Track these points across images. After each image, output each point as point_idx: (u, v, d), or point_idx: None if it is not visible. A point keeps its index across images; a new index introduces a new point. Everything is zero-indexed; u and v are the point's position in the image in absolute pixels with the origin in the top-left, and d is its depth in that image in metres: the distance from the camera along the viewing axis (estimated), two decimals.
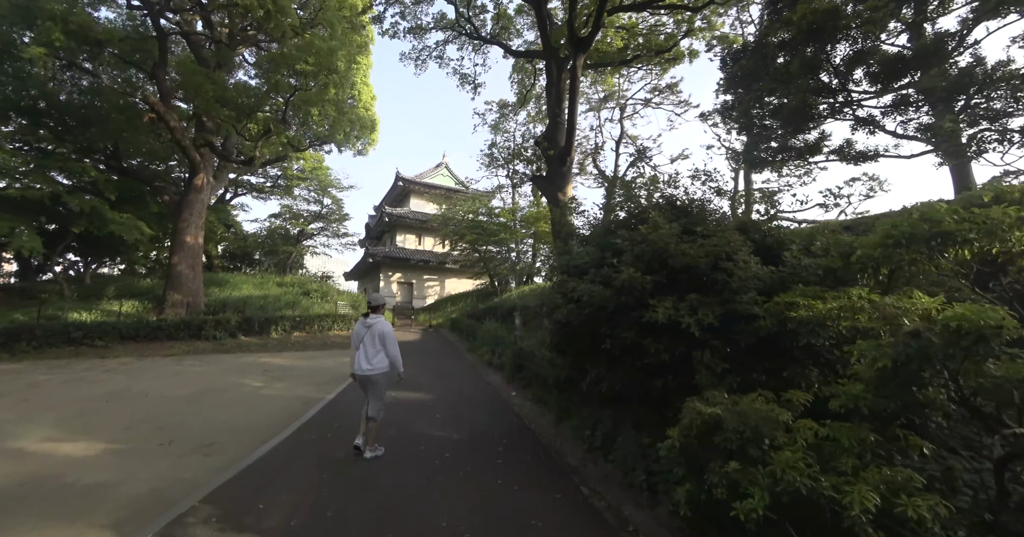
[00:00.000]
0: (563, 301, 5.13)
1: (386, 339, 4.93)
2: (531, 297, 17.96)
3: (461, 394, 8.52)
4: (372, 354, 4.87)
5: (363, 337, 4.94)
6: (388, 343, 4.94)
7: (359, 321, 5.07)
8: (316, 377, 9.99)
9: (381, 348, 4.91)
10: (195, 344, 15.16)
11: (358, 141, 24.24)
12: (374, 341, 4.91)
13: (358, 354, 4.91)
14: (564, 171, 14.28)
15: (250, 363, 11.94)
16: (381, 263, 31.85)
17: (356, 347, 4.97)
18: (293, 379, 9.69)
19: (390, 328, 5.08)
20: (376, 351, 4.88)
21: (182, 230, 18.02)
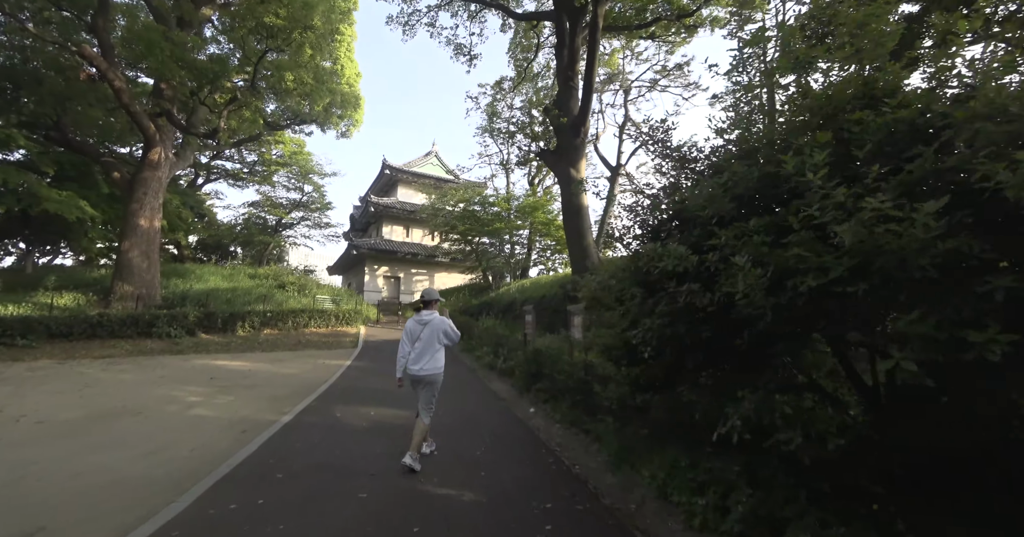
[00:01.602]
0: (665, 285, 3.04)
1: (450, 335, 4.59)
2: (534, 290, 15.85)
3: (463, 413, 6.35)
4: (430, 352, 4.43)
5: (418, 335, 4.49)
6: (451, 336, 4.60)
7: (412, 318, 4.65)
8: (275, 388, 7.71)
9: (441, 347, 4.53)
10: (143, 343, 12.69)
11: (341, 121, 21.77)
12: (433, 339, 4.47)
13: (413, 353, 4.45)
14: (577, 143, 12.16)
15: (199, 368, 9.58)
16: (366, 256, 29.37)
17: (410, 346, 4.50)
18: (245, 391, 7.40)
19: (450, 321, 4.68)
20: (436, 350, 4.48)
21: (135, 212, 15.44)
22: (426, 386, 4.44)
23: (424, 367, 4.37)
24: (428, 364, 4.38)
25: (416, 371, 4.38)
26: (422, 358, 4.39)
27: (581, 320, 6.42)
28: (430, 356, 4.41)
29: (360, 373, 9.52)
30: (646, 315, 3.27)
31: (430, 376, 4.40)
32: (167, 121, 16.08)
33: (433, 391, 4.51)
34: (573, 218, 12.03)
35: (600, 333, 4.59)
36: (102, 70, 12.64)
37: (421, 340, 4.46)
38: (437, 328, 4.47)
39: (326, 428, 5.29)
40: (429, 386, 4.45)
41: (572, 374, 6.09)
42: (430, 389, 4.47)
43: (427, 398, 4.47)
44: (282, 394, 7.19)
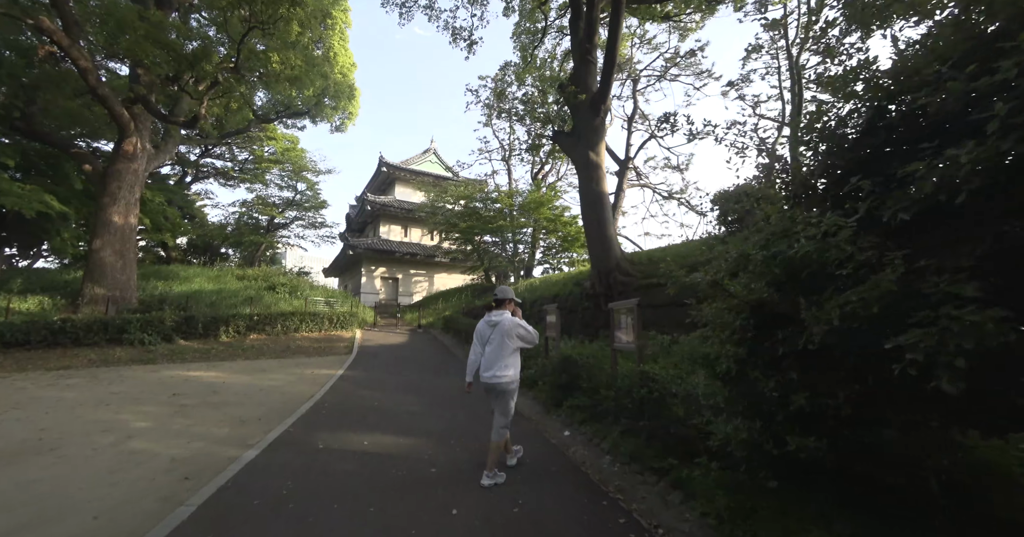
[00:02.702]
0: None
1: (525, 337, 4.06)
2: (545, 289, 14.42)
3: (481, 442, 4.93)
4: (502, 357, 3.92)
5: (488, 337, 4.05)
6: (526, 338, 4.07)
7: (483, 319, 4.21)
8: (249, 406, 6.26)
9: (514, 351, 4.01)
10: (110, 352, 11.19)
11: (335, 113, 20.43)
12: (504, 341, 3.95)
13: (483, 358, 4.03)
14: (597, 124, 10.77)
15: (165, 380, 8.11)
16: (363, 256, 27.89)
17: (480, 349, 4.09)
18: (210, 411, 5.94)
19: (523, 322, 4.11)
20: (508, 353, 3.96)
21: (106, 206, 13.94)
22: (497, 395, 3.99)
23: (496, 374, 3.91)
24: (498, 370, 3.91)
25: (487, 378, 3.96)
26: (492, 364, 3.94)
27: (632, 320, 5.01)
28: (501, 361, 3.93)
29: (353, 385, 8.08)
30: None
31: (500, 384, 3.92)
32: (144, 109, 14.62)
33: (506, 401, 3.99)
34: (593, 207, 10.63)
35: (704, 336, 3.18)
36: (64, 46, 11.18)
37: (491, 343, 4.02)
38: (508, 329, 3.98)
39: (301, 471, 3.86)
40: (500, 395, 3.98)
41: (625, 391, 4.68)
42: (502, 399, 3.98)
43: (500, 408, 4.01)
44: (255, 415, 5.74)
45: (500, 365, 3.91)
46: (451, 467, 4.11)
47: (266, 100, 21.42)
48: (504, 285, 4.60)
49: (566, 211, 23.83)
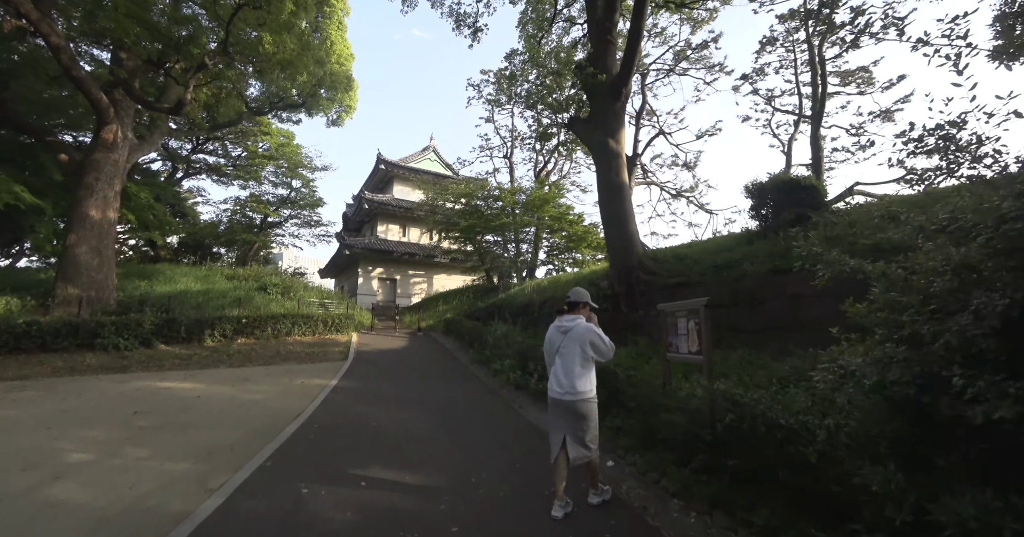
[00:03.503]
0: None
1: (600, 348, 3.35)
2: (555, 290, 13.34)
3: (502, 466, 3.89)
4: (573, 370, 3.31)
5: (558, 346, 3.41)
6: (601, 350, 3.36)
7: (552, 326, 3.54)
8: (222, 429, 5.16)
9: (587, 363, 3.34)
10: (80, 358, 10.05)
11: (332, 105, 19.30)
12: (576, 351, 3.32)
13: (552, 371, 3.44)
14: (617, 108, 9.77)
15: (131, 394, 6.99)
16: (360, 256, 26.75)
17: (551, 361, 3.50)
18: (172, 436, 4.85)
19: (598, 330, 3.40)
20: (581, 365, 3.31)
21: (83, 199, 12.81)
22: (572, 416, 3.30)
23: (569, 389, 3.30)
24: (569, 386, 3.31)
25: (559, 394, 3.36)
26: (565, 377, 3.35)
27: (697, 325, 3.97)
28: (574, 374, 3.31)
29: (349, 398, 6.99)
30: None
31: (575, 402, 3.28)
32: (125, 94, 13.49)
33: (584, 423, 3.27)
34: (613, 199, 9.62)
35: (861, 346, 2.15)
36: (32, 20, 10.05)
37: (562, 353, 3.42)
38: (580, 338, 3.35)
39: (273, 533, 2.78)
40: (575, 416, 3.28)
41: (694, 415, 3.64)
42: (578, 420, 3.27)
43: (576, 432, 3.28)
44: (227, 442, 4.64)
45: (574, 378, 3.28)
46: (477, 523, 3.05)
47: (259, 92, 20.30)
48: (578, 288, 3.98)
49: (570, 210, 22.88)
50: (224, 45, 12.59)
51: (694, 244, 10.72)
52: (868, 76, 16.46)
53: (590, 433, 3.27)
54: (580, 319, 3.45)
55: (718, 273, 8.06)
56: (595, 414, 3.33)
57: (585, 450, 3.26)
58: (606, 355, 3.40)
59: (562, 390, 3.31)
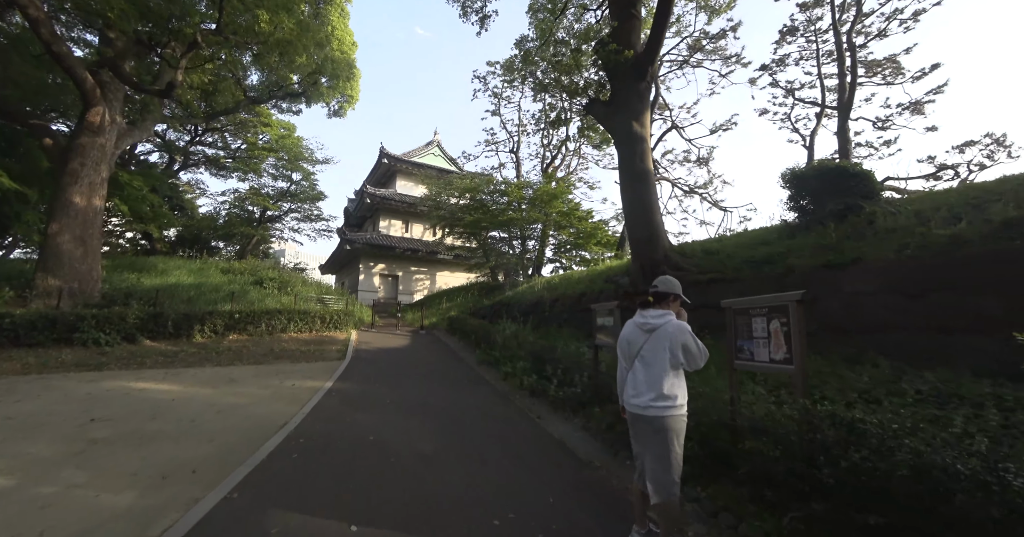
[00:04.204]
0: None
1: (692, 352, 2.56)
2: (567, 287, 12.46)
3: (540, 524, 3.00)
4: (660, 377, 2.58)
5: (639, 347, 2.69)
6: (693, 356, 2.57)
7: (630, 322, 2.84)
8: (188, 445, 4.31)
9: (679, 366, 2.60)
10: (56, 354, 9.21)
11: (333, 94, 18.42)
12: (663, 355, 2.59)
13: (630, 377, 2.73)
14: (642, 89, 8.90)
15: (99, 395, 6.14)
16: (361, 252, 25.89)
17: (626, 364, 2.80)
18: (128, 454, 3.99)
19: (690, 332, 2.60)
20: (666, 374, 2.58)
21: (67, 186, 11.96)
22: (650, 434, 2.56)
23: (651, 401, 2.55)
24: (652, 397, 2.55)
25: (638, 407, 2.61)
26: (646, 385, 2.60)
27: (786, 326, 3.09)
28: (659, 383, 2.56)
29: (344, 404, 6.13)
30: None
31: (654, 417, 2.54)
32: (113, 76, 12.64)
33: (667, 443, 2.51)
34: (637, 187, 8.74)
35: None
36: None
37: (643, 357, 2.66)
38: (670, 339, 2.58)
39: None
40: (654, 435, 2.54)
41: (785, 447, 2.76)
42: (659, 439, 2.52)
43: (657, 452, 2.52)
44: (190, 461, 3.78)
45: (658, 388, 2.57)
46: None
47: (258, 81, 19.46)
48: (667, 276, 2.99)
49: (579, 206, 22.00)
50: (218, 24, 11.73)
51: (724, 238, 9.84)
52: (896, 66, 15.54)
53: (673, 459, 2.52)
54: (670, 315, 2.69)
55: (758, 269, 7.19)
56: (682, 434, 2.59)
57: (666, 483, 2.48)
58: (697, 363, 2.62)
59: (643, 402, 2.60)
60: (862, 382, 4.26)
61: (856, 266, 6.01)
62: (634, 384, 2.70)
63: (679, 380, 2.66)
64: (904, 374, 4.48)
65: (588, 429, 5.19)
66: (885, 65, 15.81)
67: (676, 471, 2.56)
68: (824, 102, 16.89)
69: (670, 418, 2.55)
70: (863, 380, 4.31)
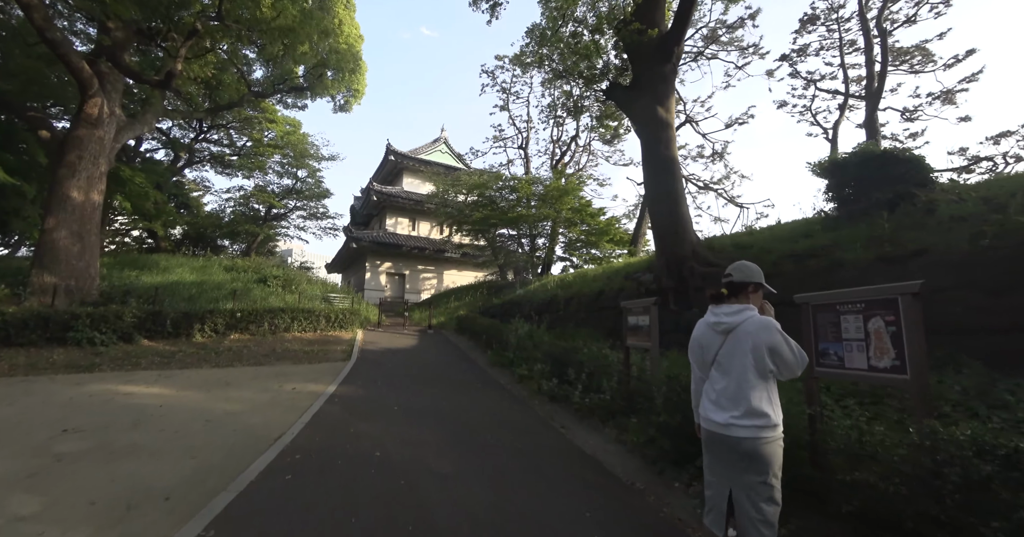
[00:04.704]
0: None
1: (784, 356, 1.96)
2: (582, 284, 11.81)
3: None
4: (744, 389, 2.00)
5: (714, 353, 2.14)
6: (787, 361, 1.96)
7: (701, 322, 2.25)
8: (167, 461, 3.74)
9: (768, 374, 2.01)
10: (47, 354, 8.73)
11: (339, 87, 17.88)
12: (747, 360, 2.02)
13: (706, 388, 2.17)
14: (667, 71, 8.25)
15: (81, 401, 5.59)
16: (367, 250, 25.39)
17: (700, 372, 2.25)
18: (94, 473, 3.43)
19: (775, 328, 2.00)
20: (754, 382, 2.00)
21: (63, 179, 11.49)
22: (735, 460, 1.96)
23: (733, 420, 1.96)
24: (737, 414, 1.96)
25: (717, 426, 2.02)
26: (727, 399, 2.01)
27: (892, 327, 2.44)
28: (743, 396, 1.97)
29: (347, 412, 5.54)
30: None
31: (740, 439, 1.93)
32: (111, 66, 12.17)
33: (758, 476, 1.90)
34: (662, 176, 8.09)
35: None
36: None
37: (721, 363, 2.08)
38: (754, 340, 1.98)
39: None
40: (742, 462, 1.94)
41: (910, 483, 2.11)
42: (746, 470, 1.93)
43: (742, 488, 1.93)
44: (165, 484, 3.20)
45: (744, 403, 1.99)
46: None
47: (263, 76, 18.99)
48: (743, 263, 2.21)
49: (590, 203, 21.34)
50: (219, 10, 11.20)
51: (755, 232, 9.15)
52: (926, 54, 14.74)
53: (769, 496, 1.94)
54: (751, 311, 2.10)
55: (800, 263, 6.51)
56: (779, 460, 1.99)
57: (760, 526, 1.92)
58: (792, 370, 2.01)
59: (724, 419, 2.02)
60: (951, 394, 3.60)
61: (920, 259, 5.33)
62: (711, 397, 2.13)
63: (771, 392, 2.05)
64: (997, 381, 3.82)
65: (623, 442, 4.56)
66: (913, 53, 15.01)
67: (772, 513, 1.96)
68: (848, 92, 16.12)
69: (762, 442, 1.95)
70: (953, 391, 3.64)
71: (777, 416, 2.02)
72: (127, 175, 16.29)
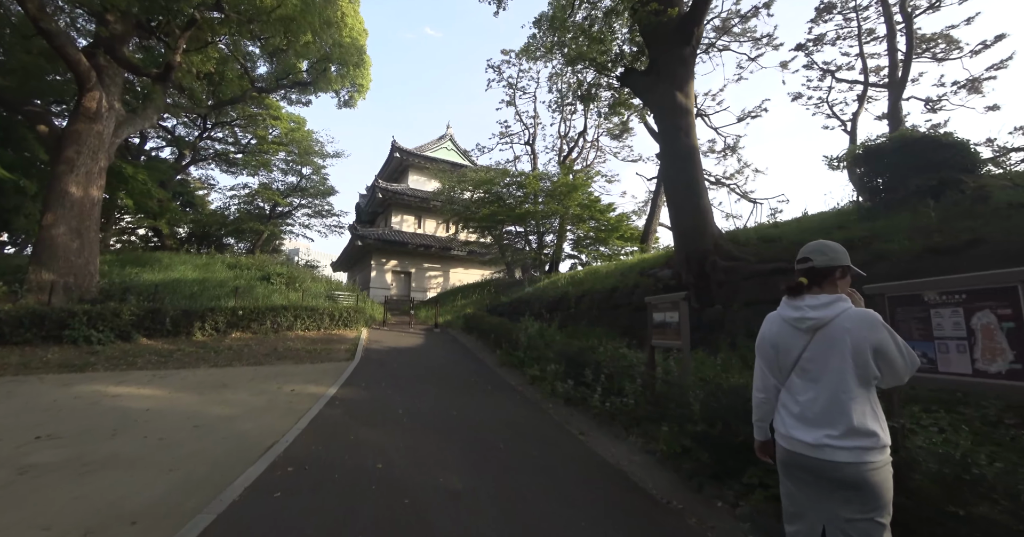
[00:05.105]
0: None
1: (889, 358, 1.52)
2: (595, 281, 11.34)
3: None
4: (841, 400, 1.54)
5: (798, 355, 1.68)
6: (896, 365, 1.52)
7: (775, 316, 1.81)
8: (144, 475, 3.33)
9: (871, 382, 1.55)
10: (42, 353, 8.42)
11: (343, 82, 17.50)
12: (846, 365, 1.55)
13: (784, 399, 1.72)
14: (687, 54, 7.76)
15: (66, 403, 5.22)
16: (372, 248, 25.03)
17: (775, 381, 1.78)
18: (62, 486, 3.02)
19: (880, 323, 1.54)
20: (855, 393, 1.53)
21: (62, 175, 11.19)
22: (831, 490, 1.53)
23: (825, 439, 1.53)
24: (835, 433, 1.52)
25: (802, 445, 1.59)
26: (817, 413, 1.58)
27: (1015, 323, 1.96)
28: (838, 412, 1.53)
29: (348, 416, 5.12)
30: None
31: (842, 464, 1.49)
32: (110, 59, 11.84)
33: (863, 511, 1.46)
34: (681, 166, 7.60)
35: None
36: None
37: (803, 369, 1.66)
38: (852, 340, 1.54)
39: None
40: (841, 492, 1.50)
41: None
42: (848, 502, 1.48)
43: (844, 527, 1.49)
44: (136, 504, 2.79)
45: (844, 419, 1.53)
46: None
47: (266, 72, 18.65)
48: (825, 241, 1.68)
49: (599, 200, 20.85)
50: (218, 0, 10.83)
51: (780, 224, 8.63)
52: (950, 41, 14.09)
53: (880, 531, 1.50)
54: (844, 302, 1.64)
55: None
56: (890, 491, 1.52)
57: None
58: (901, 376, 1.58)
59: (815, 438, 1.57)
60: None
61: (975, 249, 4.82)
62: (793, 411, 1.67)
63: (874, 404, 1.59)
64: None
65: (651, 451, 4.10)
66: (937, 40, 14.37)
67: None
68: (867, 81, 15.49)
69: (868, 468, 1.49)
70: None
71: (886, 435, 1.55)
72: (129, 172, 16.00)
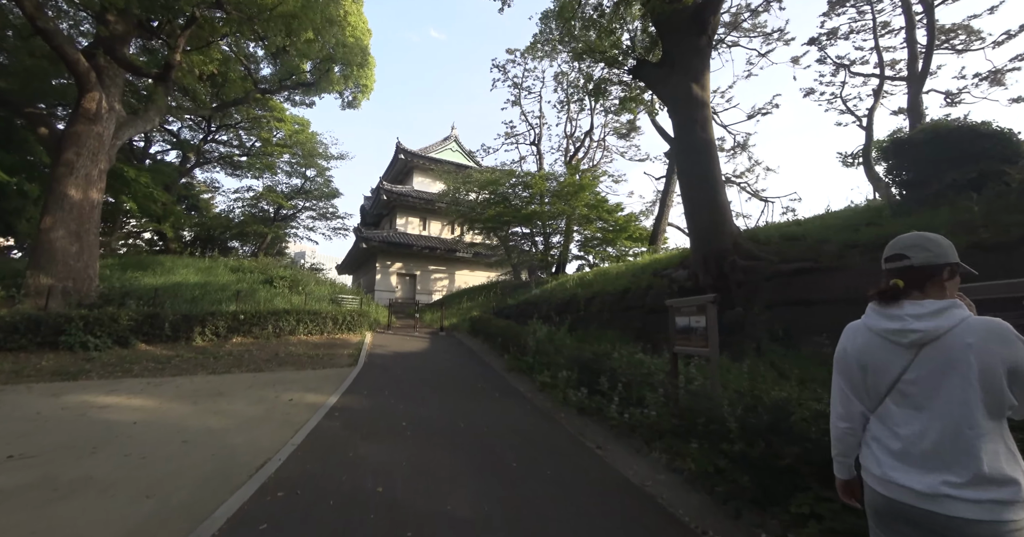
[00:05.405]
0: None
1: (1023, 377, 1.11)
2: (605, 282, 10.95)
3: None
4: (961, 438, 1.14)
5: (896, 375, 1.27)
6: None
7: (859, 325, 1.43)
8: (114, 506, 3.00)
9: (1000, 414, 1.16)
10: (36, 359, 8.16)
11: (346, 83, 17.26)
12: (970, 390, 1.14)
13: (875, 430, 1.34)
14: (702, 44, 7.38)
15: (50, 415, 4.92)
16: (377, 250, 24.77)
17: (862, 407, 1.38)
18: (21, 516, 2.69)
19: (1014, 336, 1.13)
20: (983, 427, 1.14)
21: (61, 177, 10.98)
22: None
23: (942, 487, 1.13)
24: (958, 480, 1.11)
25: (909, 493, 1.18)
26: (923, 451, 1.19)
27: None
28: (961, 451, 1.13)
29: (349, 429, 4.77)
30: None
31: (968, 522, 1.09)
32: (110, 60, 11.64)
33: None
34: (697, 161, 7.22)
35: None
36: None
37: (904, 394, 1.25)
38: (981, 359, 1.12)
39: None
40: None
41: None
42: None
43: None
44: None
45: (970, 462, 1.12)
46: None
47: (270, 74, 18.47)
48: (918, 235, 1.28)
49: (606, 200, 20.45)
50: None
51: (802, 222, 8.22)
52: (970, 31, 13.60)
53: None
54: (960, 310, 1.26)
55: (870, 254, 5.60)
56: None
57: None
58: None
59: (929, 486, 1.18)
60: None
61: None
62: (896, 446, 1.28)
63: (1008, 442, 1.20)
64: None
65: (677, 470, 3.71)
66: (957, 31, 13.88)
67: None
68: (883, 75, 15.02)
69: (1011, 528, 1.11)
70: None
71: (1018, 492, 1.17)
72: (132, 175, 15.84)
